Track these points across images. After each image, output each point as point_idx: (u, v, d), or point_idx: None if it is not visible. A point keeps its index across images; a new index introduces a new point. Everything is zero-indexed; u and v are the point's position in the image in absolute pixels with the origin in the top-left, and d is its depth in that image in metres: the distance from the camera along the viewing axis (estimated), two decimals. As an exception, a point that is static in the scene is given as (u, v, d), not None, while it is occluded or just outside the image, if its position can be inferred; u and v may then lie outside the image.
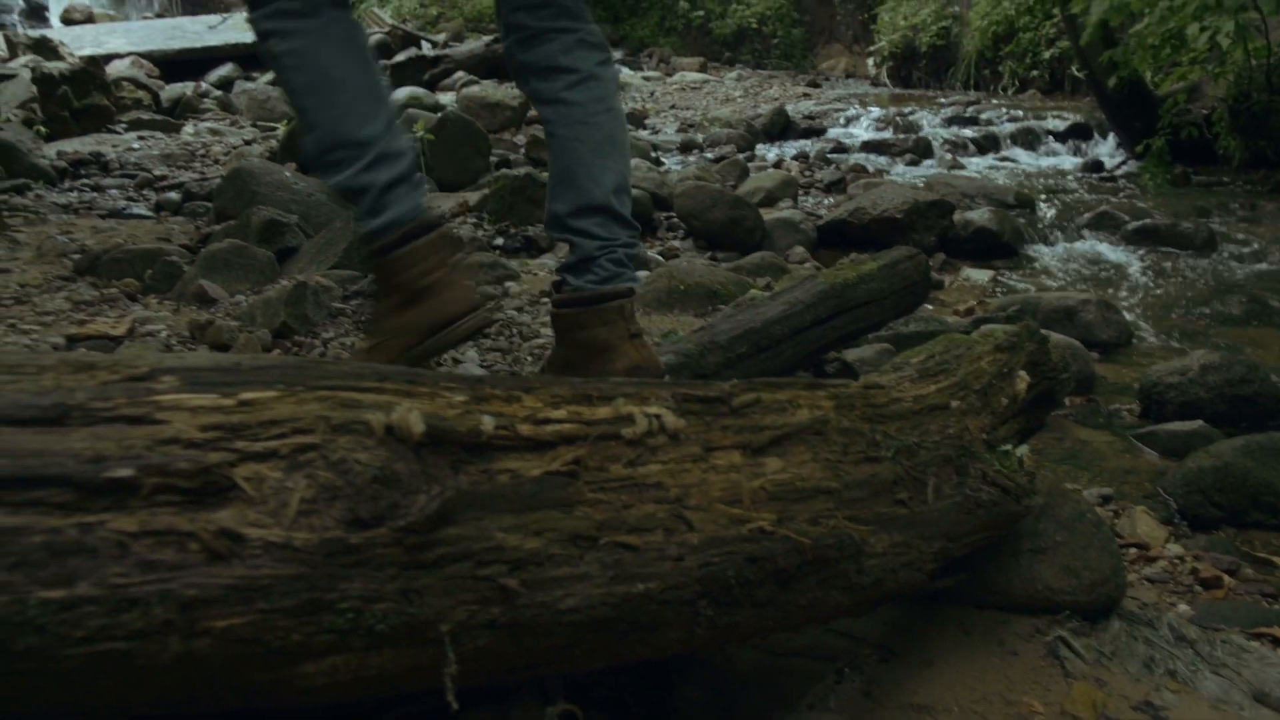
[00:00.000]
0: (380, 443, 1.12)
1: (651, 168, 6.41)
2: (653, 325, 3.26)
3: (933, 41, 13.80)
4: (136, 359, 1.12)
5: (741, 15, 17.08)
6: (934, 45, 13.82)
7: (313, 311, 3.09)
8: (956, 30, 13.63)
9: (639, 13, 18.12)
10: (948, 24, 13.73)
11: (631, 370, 2.06)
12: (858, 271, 2.65)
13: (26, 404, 1.03)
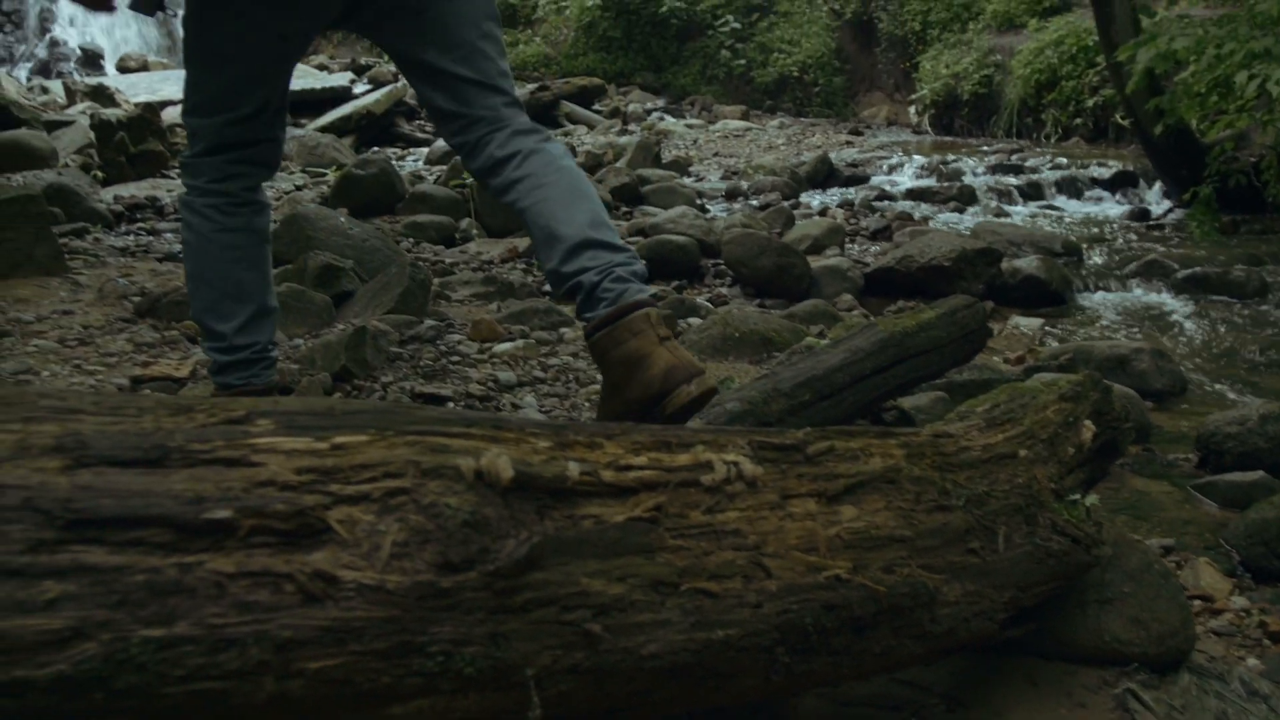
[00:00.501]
0: (469, 487, 1.13)
1: (698, 215, 6.43)
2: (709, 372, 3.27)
3: (975, 89, 13.82)
4: (233, 402, 1.14)
5: (783, 64, 17.19)
6: (976, 93, 13.84)
7: (372, 356, 3.13)
8: (999, 78, 13.65)
9: (680, 61, 18.28)
10: (990, 72, 13.75)
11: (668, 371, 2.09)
12: (917, 319, 2.65)
13: (129, 445, 1.05)
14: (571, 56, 18.41)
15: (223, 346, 2.41)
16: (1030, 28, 13.33)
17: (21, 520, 0.99)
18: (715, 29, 17.75)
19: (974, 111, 14.09)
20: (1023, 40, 13.39)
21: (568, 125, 13.81)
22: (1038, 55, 12.60)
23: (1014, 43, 13.64)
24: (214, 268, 2.36)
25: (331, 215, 4.70)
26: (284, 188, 8.02)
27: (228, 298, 2.38)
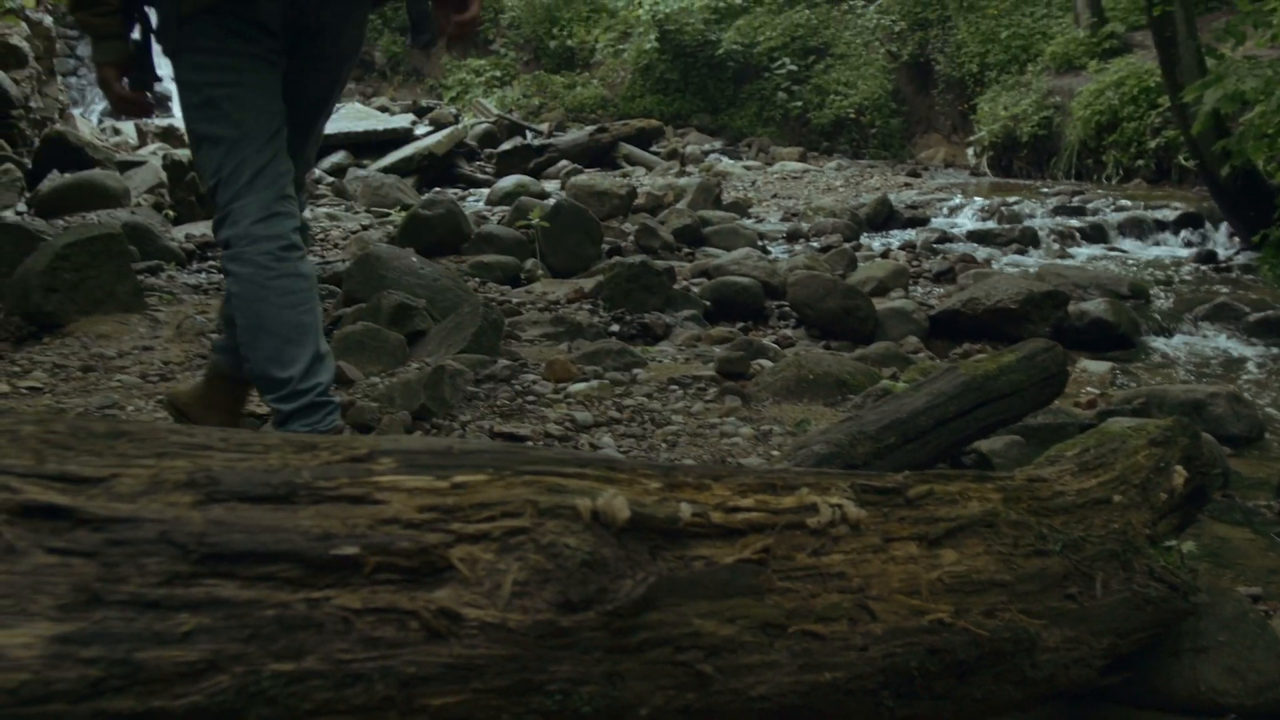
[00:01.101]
0: (587, 528, 1.15)
1: (761, 257, 6.45)
2: (783, 414, 3.28)
3: (1034, 131, 13.75)
4: (356, 440, 1.16)
5: (839, 105, 17.21)
6: (1035, 135, 13.77)
7: (449, 394, 3.16)
8: (1058, 120, 13.58)
9: (737, 103, 18.36)
10: (1049, 114, 13.68)
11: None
12: (998, 363, 2.64)
13: (258, 481, 1.08)
14: (629, 99, 18.55)
15: (286, 394, 2.36)
16: (1090, 69, 13.26)
17: (158, 553, 1.01)
18: (772, 71, 17.82)
19: (1033, 153, 14.01)
20: (1082, 81, 13.32)
21: (626, 166, 13.91)
22: (1098, 96, 12.53)
23: (1073, 84, 13.57)
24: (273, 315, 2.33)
25: (403, 255, 4.77)
26: (350, 227, 8.15)
27: (290, 344, 2.35)
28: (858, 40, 17.94)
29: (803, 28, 17.97)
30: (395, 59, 21.59)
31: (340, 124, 14.34)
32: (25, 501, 1.03)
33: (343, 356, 3.62)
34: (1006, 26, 15.57)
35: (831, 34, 18.18)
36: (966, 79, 16.03)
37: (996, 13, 15.83)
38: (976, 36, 15.85)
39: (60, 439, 1.10)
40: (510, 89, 19.76)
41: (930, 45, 17.07)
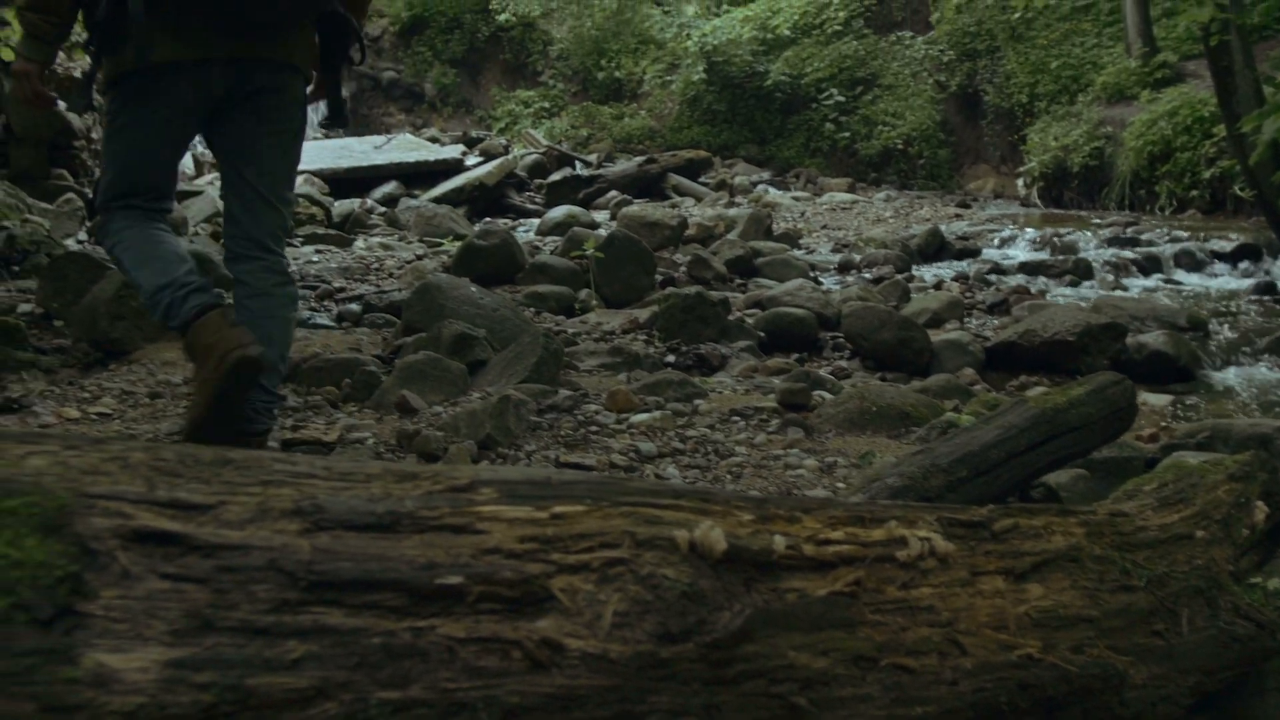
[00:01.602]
0: (684, 559, 1.15)
1: (814, 288, 6.45)
2: (847, 446, 3.27)
3: (1085, 162, 13.66)
4: (456, 470, 1.17)
5: (887, 136, 17.19)
6: (1086, 165, 13.67)
7: (514, 424, 3.18)
8: (1110, 150, 13.48)
9: (784, 134, 18.37)
10: (1100, 144, 13.58)
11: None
12: (1067, 396, 2.63)
13: (363, 510, 1.09)
14: (676, 129, 18.62)
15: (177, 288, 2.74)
16: (1142, 99, 13.17)
17: (267, 580, 1.03)
18: (819, 102, 17.83)
19: (1084, 184, 13.91)
20: (1134, 112, 13.23)
21: (675, 197, 13.96)
22: (1151, 126, 12.44)
23: (1125, 114, 13.48)
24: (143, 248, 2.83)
25: (463, 285, 4.81)
26: (404, 257, 8.22)
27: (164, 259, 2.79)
28: (905, 71, 17.92)
29: (850, 59, 17.98)
30: (445, 90, 21.81)
31: (392, 155, 14.51)
32: (138, 527, 1.05)
33: (405, 385, 3.65)
34: (1056, 57, 15.50)
35: (879, 65, 18.17)
36: (1016, 109, 15.96)
37: (1046, 43, 15.77)
38: (1026, 67, 15.79)
39: (169, 466, 1.13)
40: (558, 120, 19.89)
41: (979, 76, 17.02)
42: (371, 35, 22.19)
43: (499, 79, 22.05)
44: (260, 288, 2.89)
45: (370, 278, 7.25)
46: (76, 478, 1.09)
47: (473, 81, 22.17)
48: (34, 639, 0.97)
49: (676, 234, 8.73)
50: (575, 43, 20.74)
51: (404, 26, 22.08)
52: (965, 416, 3.27)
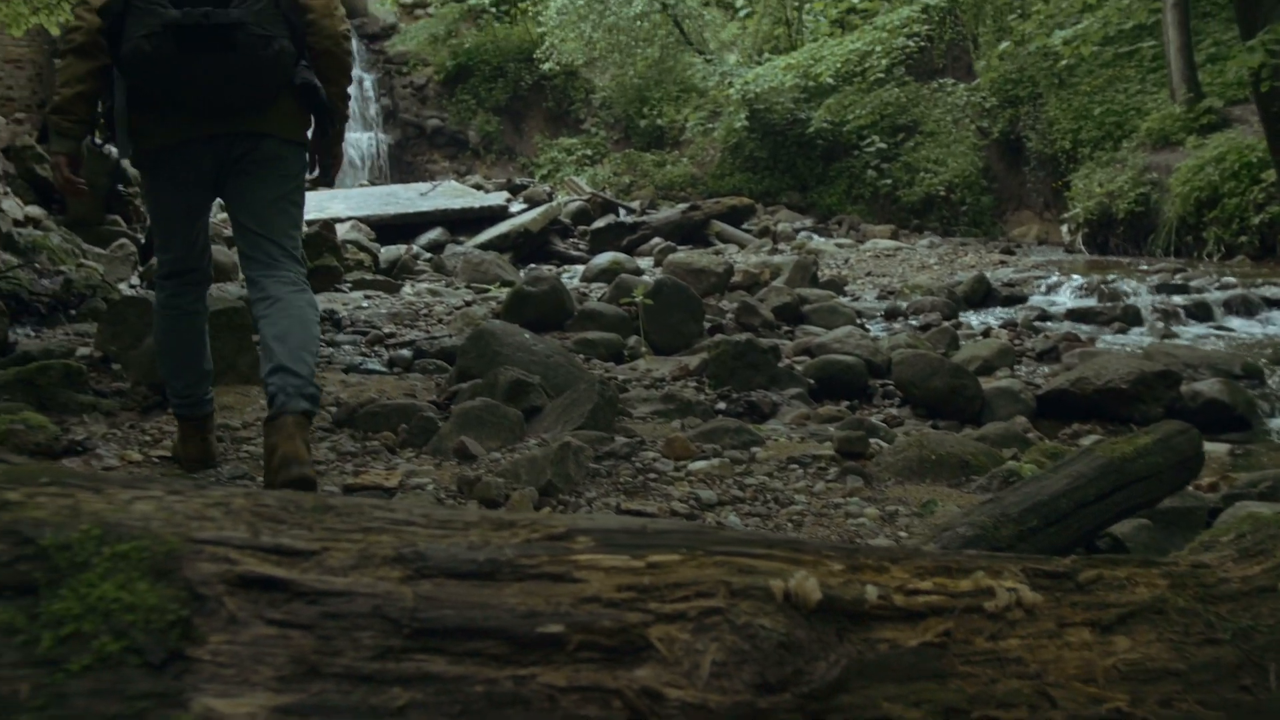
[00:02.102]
0: (779, 609, 1.15)
1: (863, 335, 6.44)
2: (907, 494, 3.26)
3: (1130, 208, 13.58)
4: (553, 519, 1.18)
5: (929, 183, 17.18)
6: (1132, 211, 13.60)
7: (574, 471, 3.19)
8: (1155, 196, 13.41)
9: (826, 181, 18.41)
10: (1146, 190, 13.52)
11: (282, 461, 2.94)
12: (1134, 445, 2.61)
13: (464, 558, 1.10)
14: (718, 176, 18.71)
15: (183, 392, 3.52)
16: (1188, 145, 13.10)
17: (371, 627, 1.04)
18: (861, 149, 17.87)
19: (1130, 230, 13.83)
20: (1179, 157, 13.16)
21: (718, 244, 14.00)
22: (1197, 172, 12.37)
23: (1170, 160, 13.42)
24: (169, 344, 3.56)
25: (517, 331, 4.84)
26: (453, 302, 8.29)
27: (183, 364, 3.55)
28: (947, 118, 17.93)
29: (892, 106, 18.02)
30: (488, 138, 22.05)
31: (437, 201, 14.66)
32: (244, 573, 1.07)
33: (463, 431, 3.68)
34: (1100, 103, 15.47)
35: (920, 111, 18.19)
36: (1059, 155, 15.92)
37: (1089, 89, 15.75)
38: (1069, 113, 15.76)
39: (271, 512, 1.14)
40: (601, 167, 20.05)
41: (1021, 122, 17.00)
42: (416, 84, 22.51)
43: (541, 126, 22.27)
44: (275, 294, 3.24)
45: (420, 323, 7.32)
46: (183, 522, 1.11)
47: (516, 129, 22.40)
48: (146, 682, 0.99)
49: (723, 281, 8.75)
50: (617, 91, 20.93)
51: (448, 75, 22.37)
52: (1027, 466, 3.25)
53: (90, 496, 1.13)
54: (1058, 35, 14.36)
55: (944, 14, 18.68)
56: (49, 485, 1.14)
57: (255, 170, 3.29)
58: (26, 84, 14.93)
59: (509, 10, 23.05)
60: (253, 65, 3.09)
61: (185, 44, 3.00)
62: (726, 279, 8.82)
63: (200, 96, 3.12)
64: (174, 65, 3.03)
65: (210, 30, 3.00)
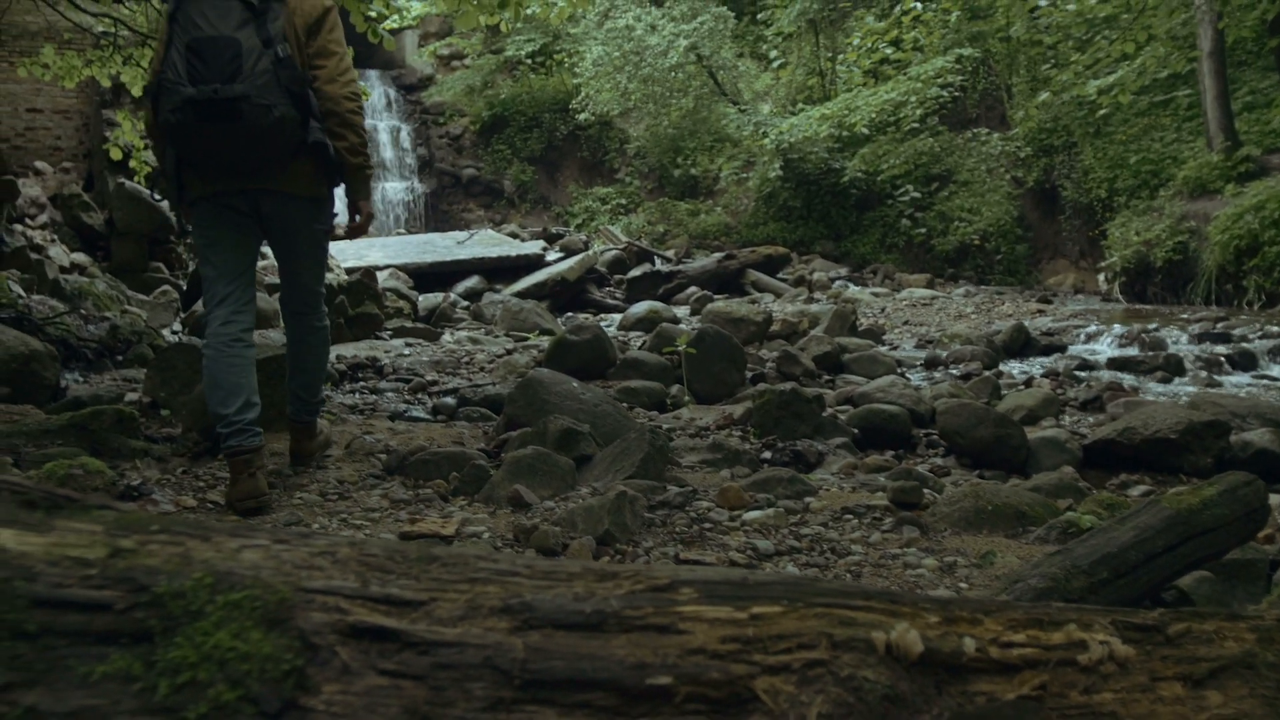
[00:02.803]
0: (881, 661, 1.15)
1: (905, 384, 6.42)
2: (965, 545, 3.24)
3: (1169, 256, 13.53)
4: (656, 570, 1.19)
5: (963, 232, 17.18)
6: (1170, 260, 13.54)
7: (630, 520, 3.19)
8: (1193, 244, 13.35)
9: (860, 230, 18.45)
10: (1184, 238, 13.46)
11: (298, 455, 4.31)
12: (1199, 496, 2.59)
13: (572, 609, 1.11)
14: (752, 225, 18.79)
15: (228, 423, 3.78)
16: (1226, 193, 13.06)
17: (482, 679, 1.05)
18: (895, 198, 17.91)
19: (1168, 279, 13.76)
20: (1217, 206, 13.11)
21: (754, 293, 14.03)
22: (1236, 220, 12.31)
23: (1208, 208, 13.37)
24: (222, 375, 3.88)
25: (565, 380, 4.86)
26: (494, 351, 8.33)
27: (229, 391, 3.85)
28: (981, 167, 17.96)
29: (926, 155, 18.07)
30: (523, 187, 22.24)
31: (474, 250, 14.78)
32: (355, 623, 1.08)
33: (515, 480, 3.69)
34: (1135, 152, 15.45)
35: (954, 161, 18.23)
36: (1095, 204, 15.89)
37: (1125, 138, 15.75)
38: (1104, 162, 15.75)
39: (378, 562, 1.16)
40: (635, 216, 20.18)
41: (1056, 171, 17.00)
42: (453, 134, 22.76)
43: (576, 176, 22.46)
44: (297, 335, 4.15)
45: (461, 371, 7.36)
46: (292, 571, 1.12)
47: (550, 178, 22.60)
48: (263, 732, 1.00)
49: (762, 330, 8.77)
50: (652, 140, 21.09)
51: (484, 125, 22.62)
52: (1086, 517, 3.22)
53: (199, 544, 1.15)
54: (1091, 85, 14.41)
55: (977, 64, 18.76)
56: (159, 533, 1.16)
57: (280, 223, 3.91)
58: (74, 134, 15.19)
59: (544, 62, 23.32)
60: (257, 131, 3.58)
61: (200, 115, 3.54)
62: (765, 328, 8.84)
63: (223, 158, 3.71)
64: (195, 133, 3.60)
65: (219, 103, 3.51)
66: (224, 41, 3.56)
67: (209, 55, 3.54)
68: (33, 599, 1.06)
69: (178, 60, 3.58)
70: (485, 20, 6.92)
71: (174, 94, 3.54)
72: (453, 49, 23.88)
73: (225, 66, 3.54)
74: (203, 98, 3.50)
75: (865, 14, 20.26)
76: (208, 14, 3.59)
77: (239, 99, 3.51)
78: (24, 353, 5.78)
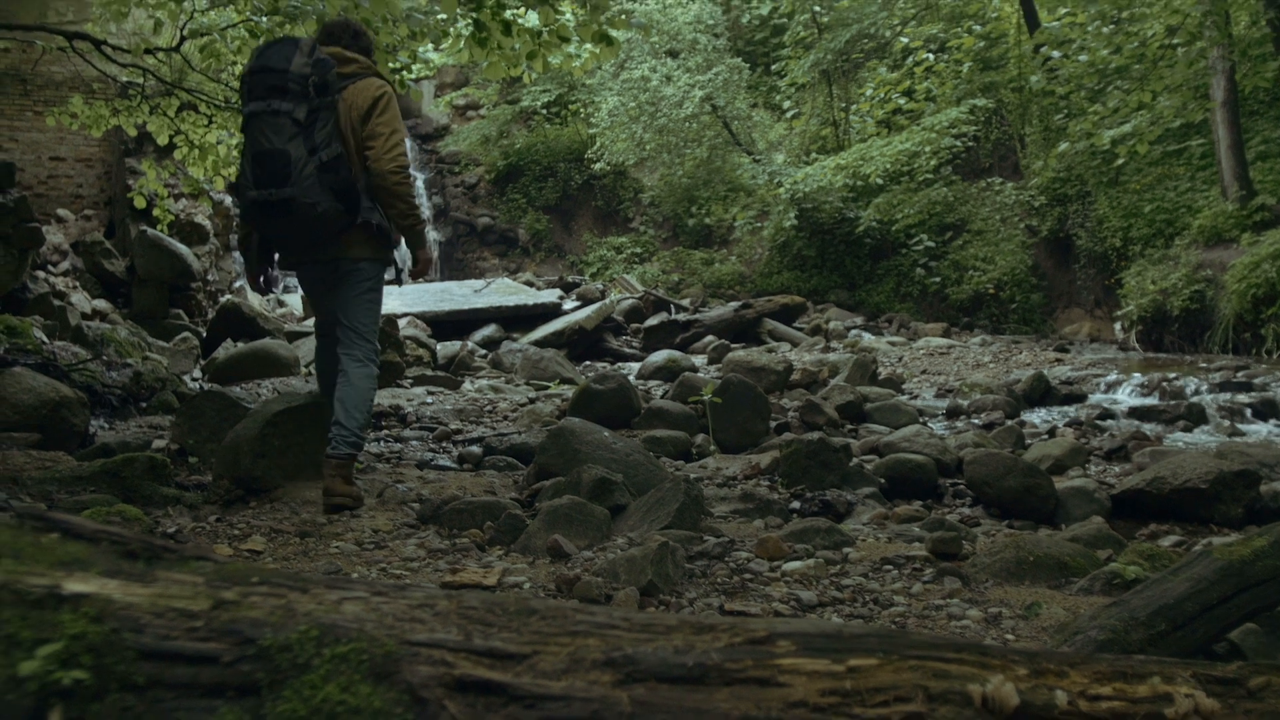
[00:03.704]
0: (977, 713, 1.15)
1: (930, 434, 6.42)
2: (1008, 596, 3.23)
3: (1185, 305, 13.52)
4: (751, 622, 1.20)
5: (978, 281, 17.20)
6: (1187, 309, 13.54)
7: (673, 570, 3.19)
8: (1210, 293, 13.35)
9: (874, 279, 18.50)
10: (1200, 287, 13.47)
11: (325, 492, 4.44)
12: (1250, 547, 2.58)
13: (674, 662, 1.12)
14: (766, 274, 18.85)
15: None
16: (1243, 242, 13.07)
17: (588, 731, 1.05)
18: (909, 247, 17.97)
19: (1185, 327, 13.75)
20: (1233, 255, 13.13)
21: (771, 342, 14.05)
22: (1254, 269, 12.32)
23: (1224, 257, 13.38)
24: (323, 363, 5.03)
25: (596, 429, 4.87)
26: (516, 399, 8.34)
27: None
28: (995, 216, 18.02)
29: (940, 204, 18.14)
30: (537, 235, 22.36)
31: (491, 298, 14.84)
32: (461, 676, 1.08)
33: (552, 529, 3.69)
34: (1149, 201, 15.49)
35: (968, 210, 18.29)
36: (1109, 253, 15.91)
37: (1139, 188, 15.79)
38: (1118, 211, 15.79)
39: (478, 615, 1.16)
40: (649, 265, 20.27)
41: (1070, 220, 17.04)
42: (468, 183, 22.93)
43: (590, 225, 22.58)
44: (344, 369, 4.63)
45: (485, 420, 7.37)
46: (394, 624, 1.13)
47: (565, 227, 22.72)
48: (376, 785, 1.00)
49: (782, 379, 8.78)
50: (666, 190, 21.23)
51: (499, 174, 22.79)
52: (1130, 568, 3.21)
53: (300, 596, 1.16)
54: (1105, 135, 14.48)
55: (990, 114, 18.87)
56: (259, 584, 1.17)
57: (338, 281, 4.72)
58: (95, 182, 15.33)
59: (560, 112, 23.52)
60: (306, 222, 4.43)
61: (262, 212, 4.47)
62: (786, 377, 8.85)
63: (288, 241, 4.72)
64: (263, 223, 4.59)
65: (274, 203, 4.40)
66: (278, 154, 4.38)
67: (268, 164, 4.39)
68: (140, 650, 1.07)
69: (247, 167, 4.48)
70: (512, 72, 7.00)
71: (245, 194, 4.49)
72: (468, 99, 24.11)
73: (279, 173, 4.37)
74: (262, 199, 4.41)
75: (878, 64, 20.43)
76: (266, 130, 4.40)
77: (290, 200, 4.37)
78: (54, 399, 5.81)
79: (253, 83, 4.50)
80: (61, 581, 1.11)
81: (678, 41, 19.78)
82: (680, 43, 19.84)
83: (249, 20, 8.23)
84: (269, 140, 4.38)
